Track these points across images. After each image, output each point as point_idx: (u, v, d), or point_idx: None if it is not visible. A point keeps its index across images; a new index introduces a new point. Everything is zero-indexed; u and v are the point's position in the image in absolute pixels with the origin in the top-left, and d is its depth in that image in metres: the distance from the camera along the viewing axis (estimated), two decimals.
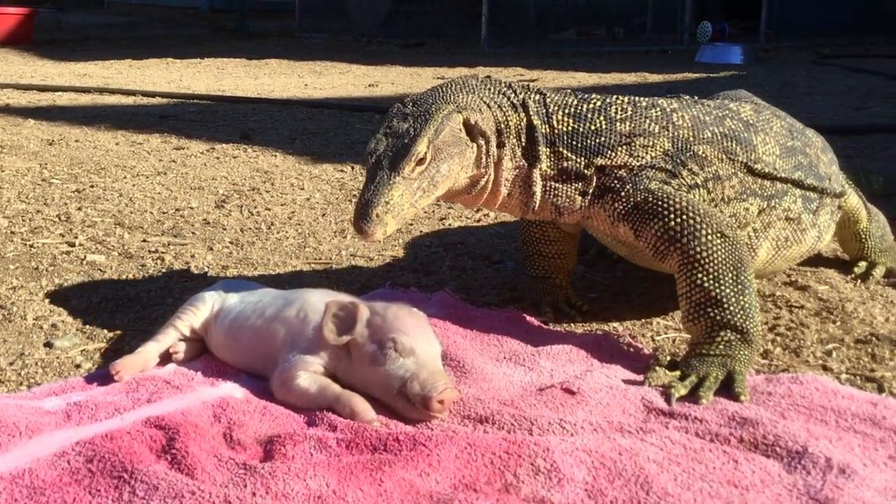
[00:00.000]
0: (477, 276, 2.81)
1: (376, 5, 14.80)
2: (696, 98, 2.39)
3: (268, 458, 1.64)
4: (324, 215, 3.53)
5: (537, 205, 2.19)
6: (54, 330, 2.32)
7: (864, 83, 8.15)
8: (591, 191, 2.17)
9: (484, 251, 3.06)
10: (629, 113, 2.22)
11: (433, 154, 2.01)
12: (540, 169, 2.16)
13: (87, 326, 2.34)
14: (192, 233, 3.25)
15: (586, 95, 2.25)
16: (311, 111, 6.50)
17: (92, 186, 3.95)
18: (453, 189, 2.11)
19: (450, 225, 3.40)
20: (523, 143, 2.16)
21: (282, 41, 13.71)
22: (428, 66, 9.98)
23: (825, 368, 2.13)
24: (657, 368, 2.00)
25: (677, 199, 2.08)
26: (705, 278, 2.01)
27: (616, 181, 2.16)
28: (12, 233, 3.19)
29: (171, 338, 2.10)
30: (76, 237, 3.15)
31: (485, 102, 2.14)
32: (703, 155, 2.22)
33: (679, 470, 1.60)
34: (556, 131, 2.17)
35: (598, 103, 2.22)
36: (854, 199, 2.69)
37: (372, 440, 1.66)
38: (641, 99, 2.27)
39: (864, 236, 2.74)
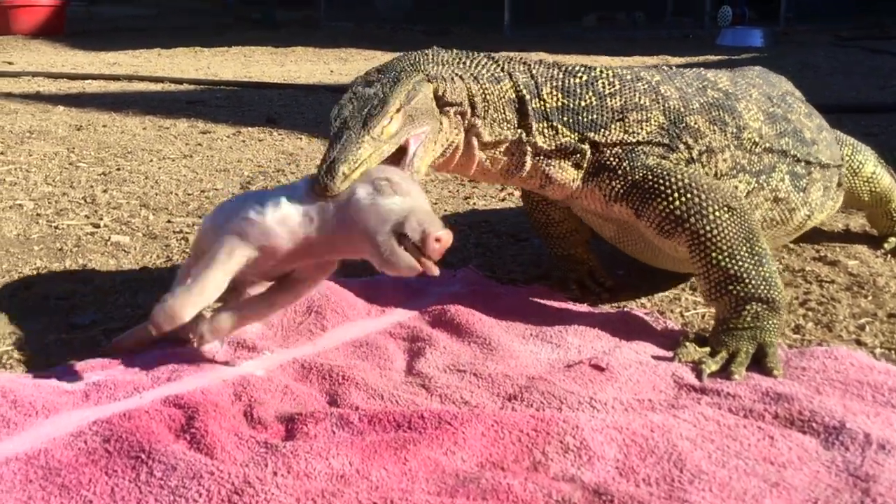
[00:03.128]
0: (502, 253, 2.72)
1: None
2: (674, 68, 2.27)
3: (289, 436, 1.56)
4: None
5: (525, 174, 2.06)
6: (76, 310, 2.25)
7: (885, 63, 7.99)
8: (585, 167, 2.05)
9: (509, 229, 2.96)
10: (617, 87, 2.09)
11: (403, 121, 1.86)
12: (531, 142, 2.03)
13: (109, 306, 2.27)
14: None
15: (570, 67, 2.11)
16: (336, 96, 6.32)
17: (118, 169, 3.88)
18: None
19: (475, 204, 3.31)
20: (508, 116, 2.02)
21: (307, 30, 13.62)
22: None
23: (859, 343, 2.04)
24: (687, 344, 1.91)
25: (679, 176, 1.96)
26: (720, 256, 1.91)
27: (612, 158, 2.03)
28: (38, 215, 3.12)
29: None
30: (101, 219, 3.08)
31: (457, 74, 1.99)
32: (696, 126, 2.10)
33: (713, 447, 1.51)
34: (547, 105, 2.04)
35: (585, 77, 2.09)
36: (886, 180, 2.59)
37: (396, 417, 1.58)
38: (625, 71, 2.15)
39: (895, 214, 2.64)
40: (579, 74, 2.09)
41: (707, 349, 1.90)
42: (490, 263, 2.61)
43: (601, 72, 2.11)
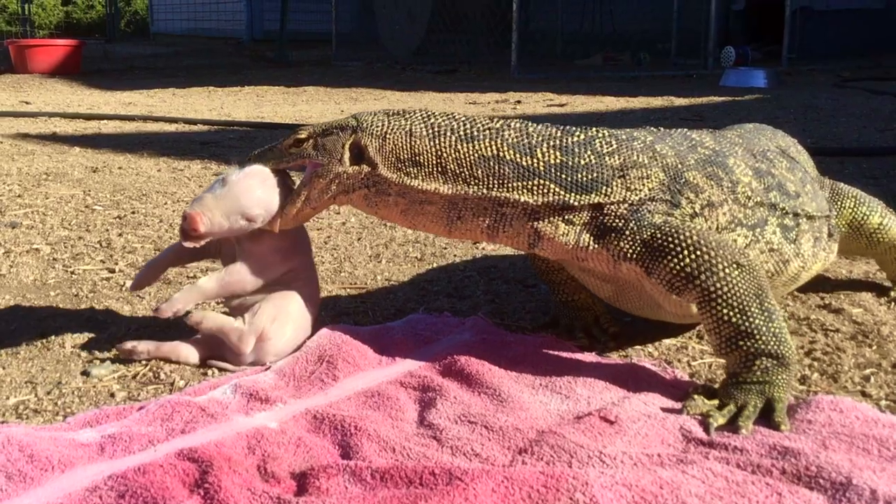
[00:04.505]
0: (511, 300, 2.72)
1: (409, 34, 14.81)
2: (661, 129, 2.24)
3: (302, 491, 1.55)
4: (359, 240, 3.46)
5: (507, 235, 2.08)
6: (92, 358, 2.25)
7: (886, 105, 8.00)
8: (583, 229, 2.03)
9: (517, 275, 2.97)
10: (614, 146, 2.07)
11: (310, 147, 2.13)
12: (509, 203, 2.03)
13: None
14: None
15: (568, 129, 2.11)
16: None
17: (133, 213, 3.90)
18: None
19: (483, 249, 3.32)
20: (475, 174, 2.03)
21: (319, 69, 13.71)
22: (460, 92, 9.92)
23: (864, 394, 2.03)
24: (695, 397, 1.90)
25: (688, 234, 1.94)
26: (731, 312, 1.89)
27: (617, 220, 2.01)
28: (54, 259, 3.14)
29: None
30: (116, 263, 3.09)
31: (406, 130, 2.08)
32: (695, 182, 2.09)
33: None
34: (540, 164, 2.03)
35: (582, 137, 2.08)
36: (895, 229, 2.56)
37: (407, 473, 1.57)
38: (619, 131, 2.14)
39: None
40: (577, 133, 2.09)
41: (715, 402, 1.89)
42: (499, 310, 2.61)
43: (597, 131, 2.11)
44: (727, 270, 1.90)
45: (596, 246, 2.03)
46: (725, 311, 1.90)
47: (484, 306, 2.64)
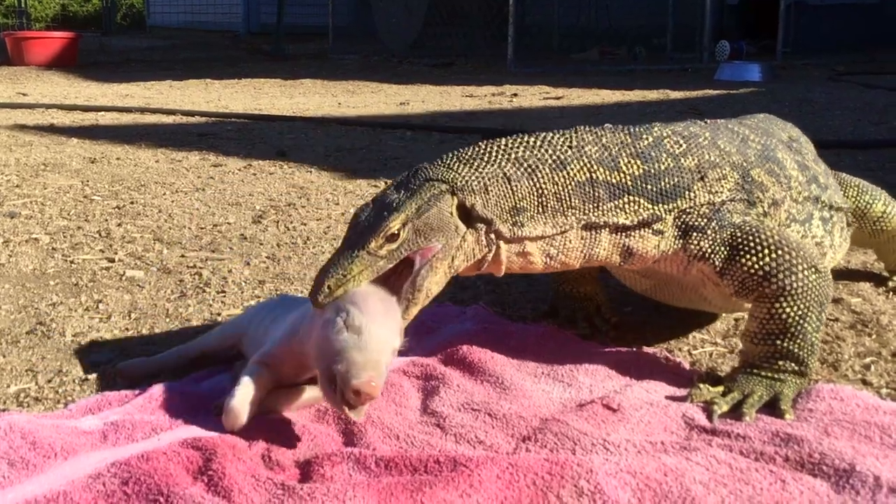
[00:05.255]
0: (511, 290, 2.70)
1: (406, 27, 14.77)
2: (708, 120, 2.18)
3: (306, 478, 1.54)
4: None
5: (599, 258, 1.95)
6: (92, 346, 2.23)
7: (880, 98, 8.00)
8: (670, 236, 1.95)
9: None
10: (685, 146, 1.99)
11: (410, 236, 1.75)
12: (604, 226, 1.91)
13: (125, 342, 2.26)
14: (230, 248, 3.17)
15: (632, 130, 2.01)
16: (344, 128, 6.43)
17: (132, 203, 3.88)
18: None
19: None
20: (572, 204, 1.88)
21: (316, 62, 13.68)
22: (457, 85, 9.89)
23: (865, 382, 2.02)
24: (700, 386, 1.89)
25: (769, 233, 1.90)
26: (792, 313, 1.86)
27: (700, 219, 1.94)
28: (53, 249, 3.12)
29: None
30: (116, 253, 3.07)
31: (501, 175, 1.86)
32: (760, 180, 2.04)
33: (726, 491, 1.49)
34: (627, 178, 1.92)
35: (651, 138, 1.98)
36: None
37: (412, 460, 1.56)
38: (676, 126, 2.07)
39: None
40: (644, 136, 2.00)
41: (720, 389, 1.88)
42: (500, 300, 2.60)
43: (660, 130, 2.02)
44: (806, 273, 1.87)
45: (677, 249, 1.96)
46: (788, 310, 1.87)
47: (485, 296, 2.62)
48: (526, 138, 1.95)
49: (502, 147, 1.91)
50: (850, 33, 14.30)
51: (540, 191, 1.88)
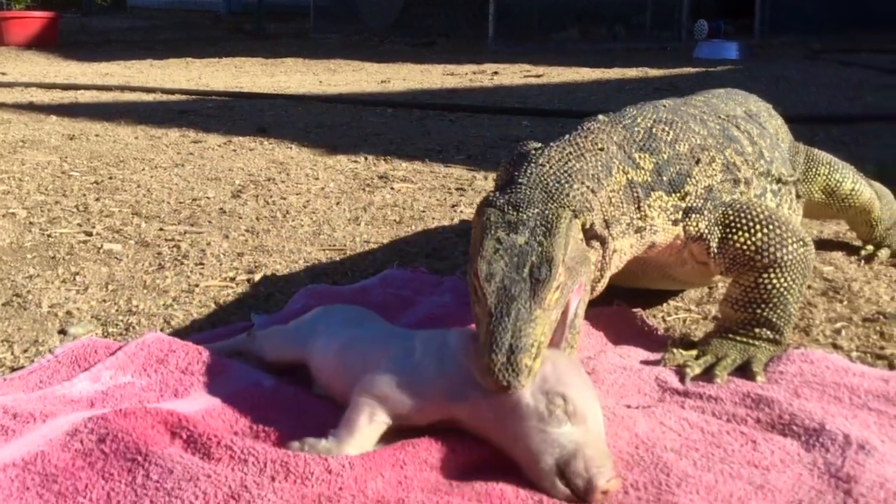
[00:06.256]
0: None
1: (387, 7, 14.70)
2: (664, 104, 2.16)
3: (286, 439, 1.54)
4: (338, 204, 3.44)
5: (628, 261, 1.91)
6: (69, 317, 2.22)
7: (855, 76, 8.02)
8: (677, 221, 1.93)
9: None
10: (672, 133, 1.97)
11: (566, 278, 1.58)
12: (644, 228, 1.88)
13: (102, 313, 2.25)
14: (209, 221, 3.16)
15: (621, 119, 1.97)
16: (325, 106, 6.40)
17: (110, 178, 3.86)
18: None
19: (462, 212, 3.30)
20: (626, 210, 1.83)
21: (297, 41, 13.61)
22: (438, 64, 9.87)
23: (835, 346, 2.04)
24: (674, 350, 1.89)
25: (758, 210, 1.90)
26: (778, 283, 1.87)
27: (698, 201, 1.93)
28: (31, 223, 3.10)
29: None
30: (93, 227, 3.06)
31: (594, 188, 1.77)
32: (732, 160, 2.05)
33: (698, 455, 1.49)
34: (646, 174, 1.89)
35: (642, 130, 1.95)
36: (866, 194, 2.54)
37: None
38: (649, 111, 2.04)
39: (875, 223, 2.63)
40: (637, 125, 1.97)
41: (693, 352, 1.89)
42: None
43: (643, 117, 2.00)
44: (795, 246, 1.88)
45: (678, 233, 1.94)
46: (775, 281, 1.88)
47: (462, 266, 2.62)
48: (564, 146, 1.85)
49: (557, 161, 1.79)
50: (831, 15, 14.27)
51: (609, 200, 1.81)
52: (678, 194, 1.92)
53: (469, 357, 1.48)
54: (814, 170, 2.48)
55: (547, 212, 1.63)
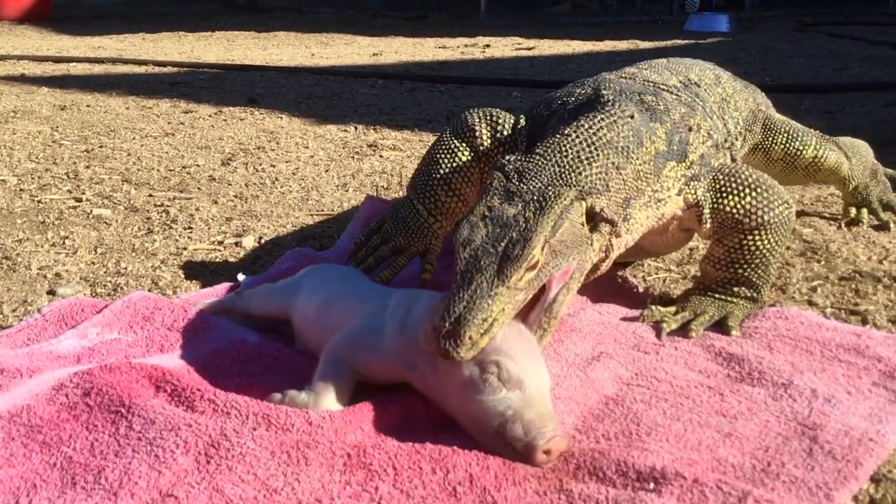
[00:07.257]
0: None
1: None
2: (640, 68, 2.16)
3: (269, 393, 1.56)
4: (327, 171, 3.45)
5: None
6: (58, 279, 2.24)
7: (844, 47, 8.01)
8: (682, 191, 1.91)
9: None
10: (662, 103, 1.93)
11: (546, 259, 1.53)
12: (664, 199, 1.87)
13: (91, 275, 2.27)
14: (198, 188, 3.17)
15: (624, 91, 1.93)
16: (317, 77, 6.39)
17: (101, 147, 3.86)
18: None
19: None
20: (648, 182, 1.81)
21: (290, 15, 13.55)
22: (430, 37, 9.84)
23: (811, 304, 2.06)
24: (652, 308, 1.92)
25: (746, 174, 1.90)
26: (762, 244, 1.89)
27: (695, 168, 1.93)
28: (21, 190, 3.11)
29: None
30: (83, 193, 3.07)
31: (611, 166, 1.72)
32: (699, 125, 2.00)
33: (667, 406, 1.53)
34: (661, 143, 1.86)
35: (635, 101, 1.90)
36: (832, 158, 2.45)
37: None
38: (625, 84, 2.00)
39: (847, 181, 2.61)
40: (633, 97, 1.93)
41: (671, 309, 1.92)
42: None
43: (630, 89, 1.96)
44: (781, 208, 1.89)
45: (680, 202, 1.92)
46: (759, 243, 1.89)
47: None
48: (593, 119, 1.79)
49: (587, 130, 1.75)
50: None
51: (637, 174, 1.77)
52: (685, 163, 1.91)
53: (427, 318, 1.47)
54: (771, 139, 2.43)
55: (548, 189, 1.59)
